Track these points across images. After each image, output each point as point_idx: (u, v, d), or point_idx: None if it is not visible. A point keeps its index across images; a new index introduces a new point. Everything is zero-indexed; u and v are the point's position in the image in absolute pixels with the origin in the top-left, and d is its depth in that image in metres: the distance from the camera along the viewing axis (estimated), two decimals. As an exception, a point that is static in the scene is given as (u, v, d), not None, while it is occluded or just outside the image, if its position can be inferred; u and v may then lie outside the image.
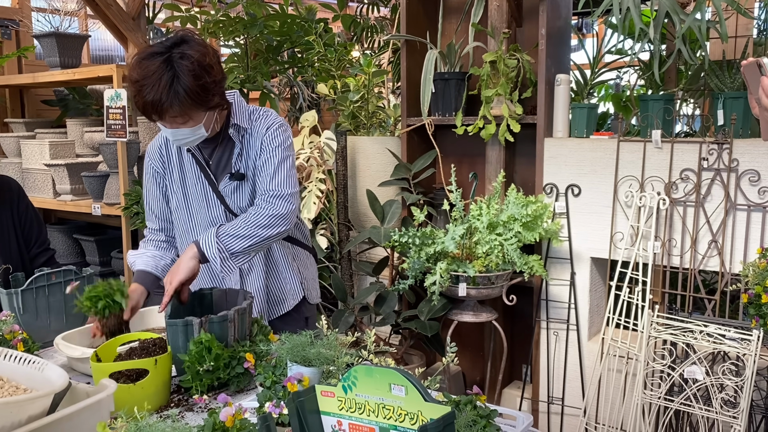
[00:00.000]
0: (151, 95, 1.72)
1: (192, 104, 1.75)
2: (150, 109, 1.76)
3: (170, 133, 1.84)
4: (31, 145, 3.90)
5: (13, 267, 2.12)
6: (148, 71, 1.73)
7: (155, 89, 1.71)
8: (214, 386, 1.61)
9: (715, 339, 2.07)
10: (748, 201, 2.36)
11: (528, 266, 2.58)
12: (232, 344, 1.65)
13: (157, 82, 1.71)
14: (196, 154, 1.97)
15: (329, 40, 3.96)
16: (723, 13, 2.10)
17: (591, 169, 2.67)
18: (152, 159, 2.04)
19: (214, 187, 1.98)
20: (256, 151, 1.95)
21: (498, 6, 2.87)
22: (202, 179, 1.99)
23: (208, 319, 1.62)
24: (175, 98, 1.72)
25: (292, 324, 2.09)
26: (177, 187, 2.02)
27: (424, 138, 3.13)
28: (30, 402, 1.13)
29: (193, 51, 1.75)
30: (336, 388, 1.07)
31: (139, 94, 1.75)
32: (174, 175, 2.02)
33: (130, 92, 1.82)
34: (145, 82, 1.72)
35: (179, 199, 2.03)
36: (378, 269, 3.12)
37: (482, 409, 1.25)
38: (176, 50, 1.75)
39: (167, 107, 1.73)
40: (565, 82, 2.75)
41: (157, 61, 1.73)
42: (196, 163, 1.98)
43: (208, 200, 1.99)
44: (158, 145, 2.03)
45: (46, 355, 1.84)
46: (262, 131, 1.96)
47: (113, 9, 3.75)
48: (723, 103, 2.46)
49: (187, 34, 1.81)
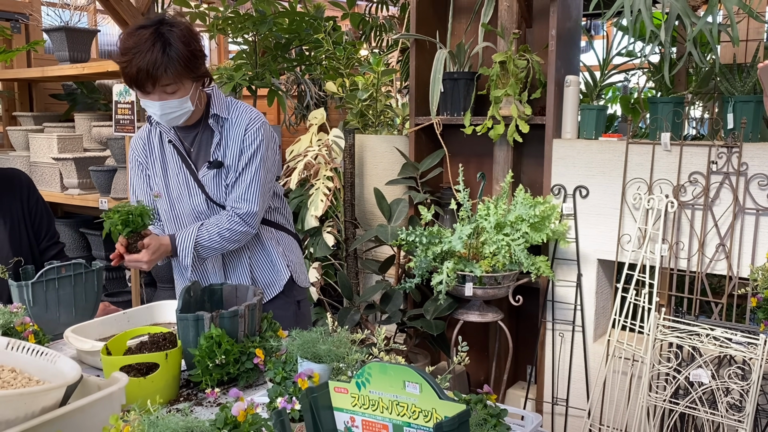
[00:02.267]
0: (145, 60, 1.79)
1: (183, 69, 1.84)
2: (144, 76, 1.81)
3: (159, 107, 1.89)
4: (39, 139, 3.91)
5: (24, 260, 2.13)
6: (140, 39, 1.81)
7: (150, 54, 1.79)
8: (224, 381, 1.62)
9: (722, 342, 2.07)
10: (757, 205, 2.36)
11: (535, 267, 2.59)
12: (242, 339, 1.65)
13: (151, 48, 1.80)
14: (176, 143, 2.04)
15: (338, 39, 3.96)
16: (734, 17, 2.09)
17: (599, 171, 2.67)
18: (135, 151, 2.11)
19: (194, 176, 2.04)
20: (235, 143, 2.02)
21: (508, 6, 2.87)
22: (183, 169, 2.05)
23: (219, 314, 1.62)
24: (169, 62, 1.81)
25: (283, 308, 2.17)
26: (159, 178, 2.09)
27: (432, 137, 3.14)
28: (44, 393, 1.13)
29: (178, 23, 1.87)
30: (349, 385, 1.07)
31: (132, 62, 1.81)
32: (156, 166, 2.09)
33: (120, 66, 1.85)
34: (138, 49, 1.80)
35: (162, 190, 2.09)
36: (384, 268, 3.12)
37: (492, 408, 1.25)
38: (163, 24, 1.86)
39: (161, 72, 1.81)
40: (574, 83, 2.75)
41: (149, 31, 1.83)
42: (177, 154, 2.05)
43: (190, 189, 2.06)
44: (142, 137, 2.11)
45: (55, 348, 1.84)
46: (242, 125, 2.02)
47: (123, 4, 3.76)
48: (733, 107, 2.45)
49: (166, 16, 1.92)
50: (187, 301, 1.71)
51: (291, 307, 2.23)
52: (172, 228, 2.11)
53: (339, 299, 3.48)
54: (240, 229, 2.03)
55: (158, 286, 3.76)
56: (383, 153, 3.42)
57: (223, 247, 2.04)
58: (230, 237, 2.02)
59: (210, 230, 2.01)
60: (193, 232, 2.00)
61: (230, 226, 2.01)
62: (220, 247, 2.03)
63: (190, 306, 1.72)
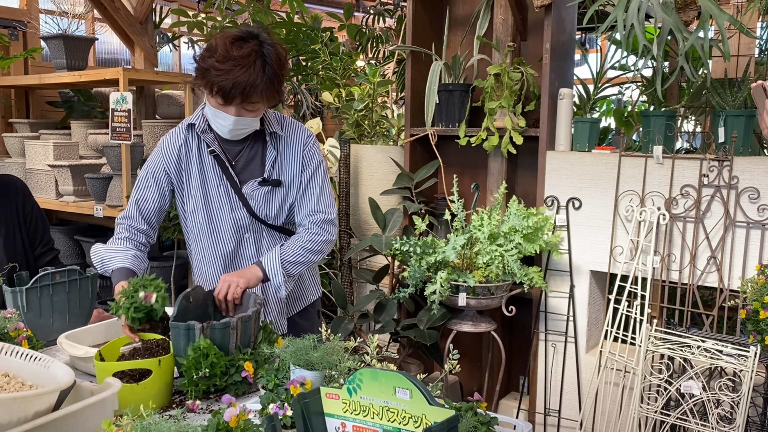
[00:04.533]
0: (245, 77, 1.77)
1: (272, 91, 1.84)
2: (238, 92, 1.79)
3: (232, 121, 1.86)
4: (35, 146, 3.92)
5: (18, 265, 2.13)
6: (243, 52, 1.78)
7: (250, 71, 1.77)
8: (210, 392, 1.62)
9: (713, 354, 2.09)
10: (747, 218, 2.38)
11: (528, 278, 2.60)
12: (233, 351, 1.65)
13: (253, 65, 1.78)
14: (220, 155, 1.97)
15: (335, 49, 3.99)
16: (726, 32, 2.12)
17: (592, 183, 2.69)
18: (167, 157, 1.99)
19: (236, 188, 1.99)
20: (295, 160, 2.01)
21: (503, 20, 2.91)
22: (224, 181, 1.99)
23: (209, 324, 1.62)
24: (265, 83, 1.80)
25: (309, 319, 2.21)
26: (195, 189, 2.00)
27: (427, 148, 3.16)
28: (37, 398, 1.14)
29: (273, 42, 1.85)
30: (341, 391, 1.08)
31: (230, 74, 1.77)
32: (192, 176, 2.00)
33: (213, 73, 1.79)
34: (241, 62, 1.77)
35: (197, 201, 2.00)
36: (378, 277, 3.13)
37: (483, 416, 1.26)
38: (263, 41, 1.83)
39: (256, 92, 1.80)
40: (568, 96, 2.78)
41: (250, 46, 1.80)
42: (218, 165, 1.98)
43: (232, 203, 2.00)
44: (178, 145, 2.00)
45: (49, 354, 1.84)
46: (299, 143, 2.02)
47: (121, 13, 3.78)
48: (724, 121, 2.48)
49: (257, 28, 1.89)
50: (184, 308, 1.70)
51: (315, 318, 2.25)
52: (209, 240, 2.04)
53: (333, 308, 3.48)
54: (321, 239, 2.01)
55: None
56: (378, 163, 3.44)
57: (308, 260, 2.01)
58: (313, 248, 2.00)
59: (293, 246, 1.98)
60: (277, 251, 1.96)
61: (311, 237, 2.00)
62: (305, 260, 2.00)
63: (188, 312, 1.71)
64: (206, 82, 1.82)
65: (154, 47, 4.06)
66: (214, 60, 1.79)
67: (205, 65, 1.80)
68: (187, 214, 2.04)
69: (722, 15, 2.02)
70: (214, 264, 2.05)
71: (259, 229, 2.04)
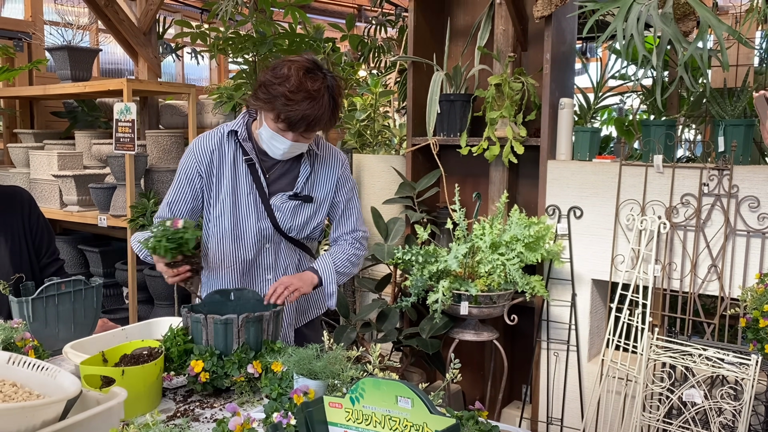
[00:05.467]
0: (315, 111, 1.83)
1: (333, 122, 1.92)
2: (304, 124, 1.84)
3: (288, 146, 1.91)
4: (39, 156, 3.95)
5: (24, 276, 2.15)
6: (315, 86, 1.83)
7: (320, 105, 1.83)
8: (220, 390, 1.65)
9: (714, 363, 2.10)
10: (747, 227, 2.40)
11: (530, 286, 2.61)
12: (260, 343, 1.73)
13: (321, 99, 1.84)
14: (257, 165, 2.01)
15: (337, 60, 4.01)
16: (724, 43, 2.14)
17: (593, 192, 2.71)
18: (199, 160, 2.02)
19: (265, 199, 2.02)
20: (330, 179, 2.09)
21: (504, 30, 2.93)
22: (253, 190, 2.02)
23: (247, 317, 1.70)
24: (329, 118, 1.87)
25: (315, 329, 2.27)
26: (226, 194, 2.02)
27: (429, 157, 3.18)
28: (45, 407, 1.16)
29: (336, 76, 1.91)
30: (344, 400, 1.10)
31: (301, 105, 1.81)
32: (224, 182, 2.02)
33: (283, 100, 1.82)
34: (312, 95, 1.82)
35: (226, 206, 2.02)
36: (381, 286, 3.14)
37: (484, 424, 1.27)
38: (325, 70, 1.89)
39: (321, 123, 1.87)
40: (568, 105, 2.80)
41: (320, 78, 1.85)
42: (251, 174, 2.01)
43: (258, 212, 2.03)
44: (211, 149, 2.02)
45: (55, 364, 1.85)
46: (337, 165, 2.10)
47: (125, 24, 3.82)
48: (724, 130, 2.50)
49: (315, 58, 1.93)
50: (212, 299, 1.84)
51: (319, 329, 2.31)
52: (231, 246, 2.05)
53: (336, 317, 3.50)
54: (361, 253, 2.17)
55: (155, 303, 3.78)
56: (380, 172, 3.45)
57: (350, 272, 2.14)
58: (355, 261, 2.14)
59: (341, 257, 2.09)
60: (329, 260, 2.05)
61: (354, 251, 2.14)
62: (349, 272, 2.12)
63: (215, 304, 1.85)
64: (272, 107, 1.85)
65: (157, 58, 4.09)
66: (285, 89, 1.82)
67: (274, 92, 1.83)
68: (212, 218, 2.06)
69: (721, 25, 2.04)
70: (232, 269, 2.08)
71: (279, 241, 2.09)
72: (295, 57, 1.89)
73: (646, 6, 2.11)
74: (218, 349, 1.68)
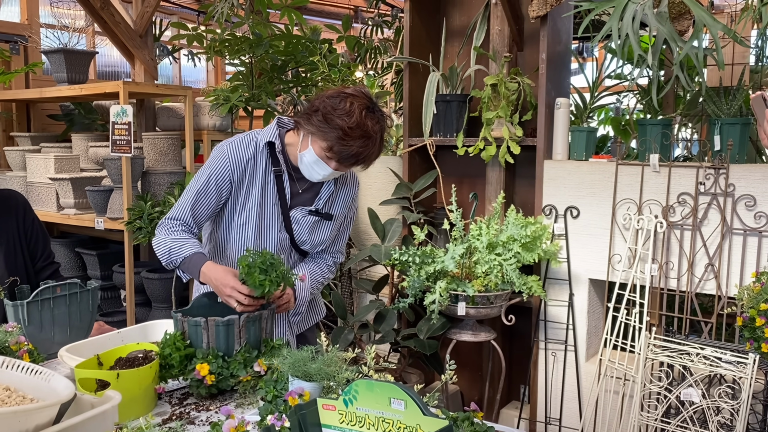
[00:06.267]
0: (367, 149, 1.85)
1: (376, 157, 1.93)
2: (355, 158, 1.86)
3: (329, 173, 1.91)
4: (36, 159, 3.94)
5: (19, 279, 2.14)
6: (374, 127, 1.84)
7: (372, 143, 1.85)
8: (214, 394, 1.65)
9: (712, 362, 2.09)
10: (744, 225, 2.40)
11: (527, 287, 2.61)
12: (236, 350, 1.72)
13: (375, 140, 1.85)
14: (286, 178, 2.01)
15: (333, 61, 4.01)
16: (720, 41, 2.14)
17: (590, 192, 2.70)
18: (234, 165, 1.98)
19: (285, 213, 2.03)
20: (346, 199, 2.11)
21: (500, 30, 2.93)
22: (277, 202, 2.02)
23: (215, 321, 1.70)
24: (377, 153, 1.90)
25: (315, 332, 2.29)
26: (253, 204, 2.00)
27: (426, 158, 3.17)
28: (38, 411, 1.15)
29: (384, 113, 1.91)
30: (337, 402, 1.09)
31: (356, 143, 1.82)
32: (254, 191, 2.00)
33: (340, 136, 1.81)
34: (369, 135, 1.83)
35: (252, 216, 2.01)
36: (378, 287, 3.14)
37: (479, 425, 1.27)
38: (383, 114, 1.90)
39: (368, 161, 1.90)
40: (564, 105, 2.80)
41: (378, 117, 1.86)
42: (277, 186, 2.01)
43: (279, 224, 2.04)
44: (247, 158, 1.99)
45: (50, 367, 1.84)
46: (353, 186, 2.13)
47: (121, 27, 3.81)
48: (720, 129, 2.50)
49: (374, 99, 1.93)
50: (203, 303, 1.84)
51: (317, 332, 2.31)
52: None
53: (333, 319, 3.49)
54: (330, 276, 2.18)
55: (153, 306, 3.78)
56: (377, 173, 3.45)
57: (316, 292, 2.17)
58: (322, 282, 2.16)
59: (315, 276, 2.11)
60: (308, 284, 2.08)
61: (327, 275, 2.16)
62: (316, 291, 2.16)
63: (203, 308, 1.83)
64: (325, 137, 1.83)
65: (154, 60, 4.08)
66: (345, 123, 1.80)
67: (332, 124, 1.81)
68: (236, 225, 2.04)
69: (716, 24, 2.04)
70: None
71: (289, 251, 2.11)
72: (353, 91, 1.87)
73: (641, 5, 2.11)
74: (220, 351, 1.68)
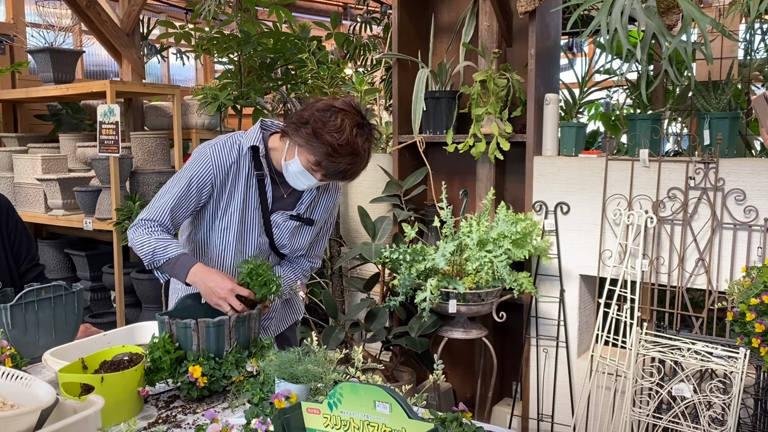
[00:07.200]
0: (354, 166, 1.84)
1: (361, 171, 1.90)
2: (341, 173, 1.84)
3: (313, 183, 1.90)
4: (23, 160, 3.90)
5: (3, 283, 2.11)
6: (363, 145, 1.82)
7: (359, 159, 1.83)
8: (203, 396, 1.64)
9: (703, 357, 2.09)
10: (734, 220, 2.39)
11: (518, 283, 2.60)
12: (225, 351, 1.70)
13: (363, 156, 1.84)
14: (268, 182, 1.98)
15: (322, 58, 3.99)
16: (708, 36, 2.13)
17: (580, 188, 2.69)
18: (217, 169, 1.95)
19: (265, 217, 2.01)
20: (327, 206, 2.10)
21: (488, 26, 2.91)
22: (258, 206, 2.00)
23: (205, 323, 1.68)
24: (363, 167, 1.88)
25: (293, 330, 2.32)
26: (235, 208, 1.98)
27: (416, 155, 3.16)
28: (17, 418, 1.13)
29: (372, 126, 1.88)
30: (322, 405, 1.08)
31: (343, 157, 1.80)
32: (236, 195, 1.98)
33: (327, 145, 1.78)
34: (357, 151, 1.81)
35: (234, 220, 1.99)
36: (369, 285, 3.13)
37: (468, 426, 1.25)
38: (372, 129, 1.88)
39: (354, 176, 1.88)
40: (554, 101, 2.78)
41: (367, 132, 1.84)
42: (258, 190, 1.98)
43: (259, 228, 2.03)
44: (230, 162, 1.96)
45: (34, 371, 1.83)
46: (335, 192, 2.12)
47: (108, 25, 3.77)
48: (709, 123, 2.49)
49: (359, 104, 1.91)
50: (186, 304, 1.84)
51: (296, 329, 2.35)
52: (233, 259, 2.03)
53: (324, 318, 3.47)
54: (305, 281, 2.19)
55: (143, 307, 3.75)
56: (367, 171, 3.41)
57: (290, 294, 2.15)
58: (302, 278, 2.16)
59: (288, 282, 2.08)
60: None
61: (301, 278, 2.15)
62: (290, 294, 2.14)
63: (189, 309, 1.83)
64: (313, 152, 1.81)
65: (141, 59, 4.05)
66: (335, 140, 1.77)
67: (322, 140, 1.78)
68: (217, 228, 2.02)
69: (704, 18, 2.03)
70: None
71: (268, 254, 2.10)
72: (344, 105, 1.82)
73: (629, 0, 2.10)
74: (210, 352, 1.66)
